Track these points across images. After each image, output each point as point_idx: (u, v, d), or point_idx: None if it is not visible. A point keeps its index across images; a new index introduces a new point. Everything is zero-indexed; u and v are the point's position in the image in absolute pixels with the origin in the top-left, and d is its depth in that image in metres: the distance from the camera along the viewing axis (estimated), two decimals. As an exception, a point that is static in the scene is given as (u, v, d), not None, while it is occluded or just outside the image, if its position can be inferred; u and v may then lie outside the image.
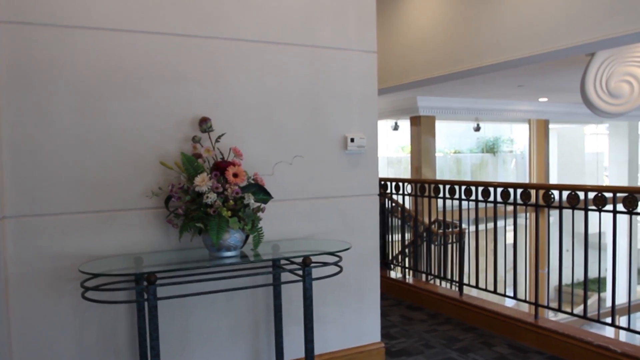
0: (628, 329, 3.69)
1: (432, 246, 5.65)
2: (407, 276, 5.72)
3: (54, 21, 2.66)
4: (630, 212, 3.38)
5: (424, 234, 5.77)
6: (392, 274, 5.82)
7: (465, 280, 4.86)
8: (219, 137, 2.93)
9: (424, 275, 5.66)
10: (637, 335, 3.47)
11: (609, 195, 3.53)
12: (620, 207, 3.47)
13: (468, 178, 15.63)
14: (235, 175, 2.71)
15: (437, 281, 5.59)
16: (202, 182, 2.64)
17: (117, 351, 2.88)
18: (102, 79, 2.78)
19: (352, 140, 3.43)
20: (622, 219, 3.54)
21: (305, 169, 3.32)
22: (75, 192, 2.74)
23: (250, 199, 2.69)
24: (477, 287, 4.74)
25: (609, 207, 3.53)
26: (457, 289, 4.92)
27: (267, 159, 3.17)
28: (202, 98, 3.02)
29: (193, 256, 2.89)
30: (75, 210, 2.75)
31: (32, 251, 2.67)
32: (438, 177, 11.03)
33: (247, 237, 2.82)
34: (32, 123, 2.64)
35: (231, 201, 2.64)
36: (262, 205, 2.84)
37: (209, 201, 2.60)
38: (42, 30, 2.64)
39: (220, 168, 2.73)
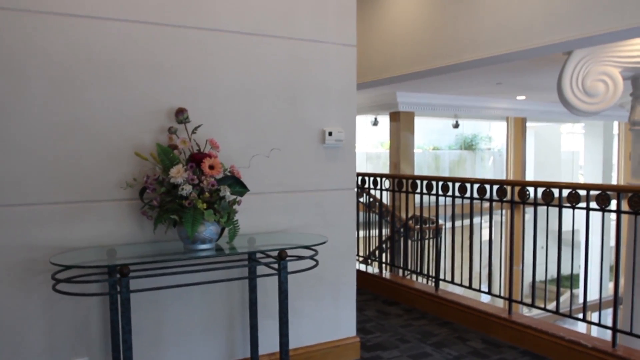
0: (599, 324, 3.74)
1: (409, 241, 5.67)
2: (383, 271, 5.74)
3: (27, 6, 2.60)
4: (603, 209, 3.43)
5: (401, 230, 5.80)
6: (369, 269, 5.84)
7: (442, 276, 4.89)
8: (196, 128, 2.89)
9: (400, 271, 5.69)
10: (608, 331, 3.52)
11: (583, 193, 3.57)
12: (593, 204, 3.51)
13: (446, 174, 15.73)
14: (211, 167, 2.68)
15: (414, 276, 5.62)
16: (178, 173, 2.61)
17: (89, 345, 2.84)
18: (77, 67, 2.72)
19: (330, 134, 3.42)
20: (596, 217, 3.59)
21: (283, 162, 3.31)
22: (47, 182, 2.69)
23: (226, 192, 2.67)
24: (452, 282, 4.77)
25: (583, 204, 3.57)
26: (433, 284, 4.95)
27: (244, 152, 3.15)
28: (179, 88, 2.98)
29: (167, 248, 2.86)
30: (47, 201, 2.70)
31: (1, 242, 2.62)
32: (417, 173, 11.08)
33: (222, 229, 2.80)
34: (3, 111, 2.58)
35: (207, 193, 2.62)
36: (238, 197, 2.82)
37: (184, 193, 2.58)
38: (14, 15, 2.58)
39: (196, 160, 2.70)
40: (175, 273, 2.63)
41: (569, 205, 3.62)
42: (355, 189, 3.62)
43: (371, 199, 6.12)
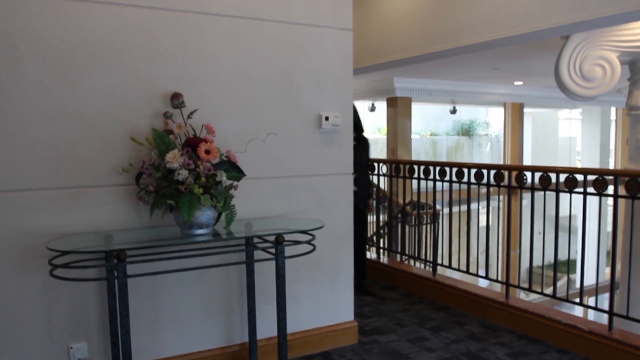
0: (595, 308, 3.77)
1: (407, 227, 5.68)
2: (381, 256, 5.75)
3: (19, -10, 2.57)
4: (600, 193, 3.43)
5: (399, 215, 5.80)
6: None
7: (439, 261, 4.90)
8: (191, 113, 2.88)
9: (398, 256, 5.70)
10: (604, 314, 3.54)
11: (580, 177, 3.57)
12: (591, 189, 3.51)
13: (444, 160, 15.71)
14: (207, 152, 2.67)
15: (411, 261, 5.63)
16: (174, 158, 2.60)
17: (87, 329, 2.84)
18: (72, 51, 2.70)
19: (326, 118, 3.40)
20: (593, 202, 3.59)
21: (279, 147, 3.30)
22: (42, 168, 2.68)
23: (222, 176, 2.66)
24: (450, 267, 4.78)
25: (580, 189, 3.57)
26: (430, 269, 4.96)
27: (240, 136, 3.14)
28: (175, 73, 2.96)
29: (164, 234, 2.86)
30: (43, 187, 2.69)
31: (-3, 228, 2.61)
32: (414, 158, 11.06)
33: (219, 215, 2.79)
34: (-3, 96, 2.57)
35: (203, 178, 2.61)
36: (235, 182, 2.82)
37: (180, 178, 2.57)
38: (6, -1, 2.55)
39: (192, 144, 2.69)
40: (172, 258, 2.63)
41: (566, 190, 3.62)
42: (352, 174, 3.61)
43: (368, 185, 6.10)
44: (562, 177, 3.66)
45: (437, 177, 4.69)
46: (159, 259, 2.62)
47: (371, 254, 5.88)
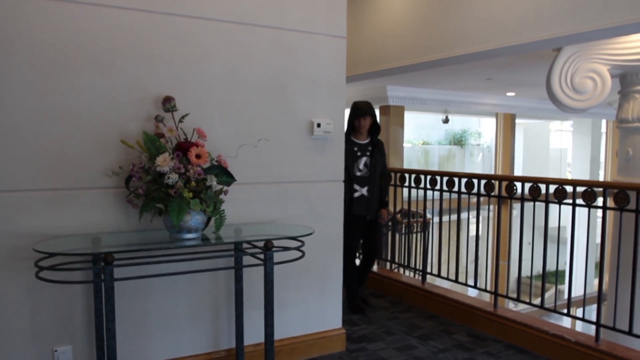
0: (582, 319, 3.78)
1: (397, 235, 5.68)
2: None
3: (12, -9, 2.56)
4: (589, 205, 3.45)
5: (389, 223, 5.80)
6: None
7: (429, 270, 4.90)
8: (183, 117, 2.87)
9: (387, 264, 5.70)
10: (592, 326, 3.55)
11: (569, 189, 3.59)
12: (580, 201, 3.53)
13: (436, 169, 15.73)
14: (198, 156, 2.66)
15: (401, 270, 5.63)
16: (164, 162, 2.59)
17: (72, 333, 2.82)
18: (63, 53, 2.69)
19: (318, 125, 3.41)
20: (582, 214, 3.60)
21: (271, 152, 3.30)
22: (31, 169, 2.66)
23: (212, 181, 2.65)
24: (439, 276, 4.79)
25: (569, 200, 3.59)
26: (420, 277, 4.96)
27: (231, 141, 3.13)
28: (167, 76, 2.95)
29: (153, 237, 2.84)
30: (31, 188, 2.67)
31: (-16, 228, 2.59)
32: (406, 167, 11.08)
33: (208, 219, 2.78)
34: (-13, 96, 2.55)
35: (193, 182, 2.60)
36: (225, 187, 2.81)
37: (170, 182, 2.56)
38: (-1, -1, 2.54)
39: (182, 148, 2.68)
40: (160, 262, 2.62)
41: (555, 201, 3.64)
42: (343, 181, 3.61)
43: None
44: (552, 188, 3.68)
45: (428, 186, 4.71)
46: (147, 262, 2.61)
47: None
